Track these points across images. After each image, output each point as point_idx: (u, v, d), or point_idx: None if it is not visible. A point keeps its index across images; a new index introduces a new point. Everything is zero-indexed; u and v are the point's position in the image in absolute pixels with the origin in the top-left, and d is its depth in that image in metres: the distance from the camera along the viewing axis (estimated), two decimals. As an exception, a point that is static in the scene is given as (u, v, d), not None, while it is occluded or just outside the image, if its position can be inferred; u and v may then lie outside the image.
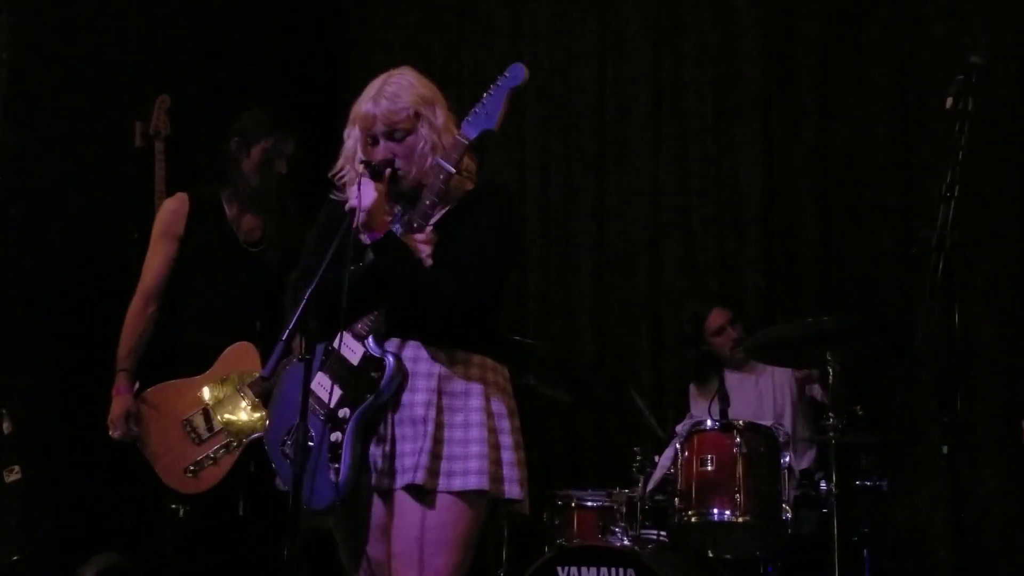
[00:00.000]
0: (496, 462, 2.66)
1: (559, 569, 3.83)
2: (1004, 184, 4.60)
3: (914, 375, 4.55)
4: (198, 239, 3.81)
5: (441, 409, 2.64)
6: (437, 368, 2.66)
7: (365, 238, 2.61)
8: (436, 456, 2.61)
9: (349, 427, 2.61)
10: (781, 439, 3.93)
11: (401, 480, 2.62)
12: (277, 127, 3.86)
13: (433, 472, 2.60)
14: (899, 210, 4.77)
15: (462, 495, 2.62)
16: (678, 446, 4.00)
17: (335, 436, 2.61)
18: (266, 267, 3.83)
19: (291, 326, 2.56)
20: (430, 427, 2.61)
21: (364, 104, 2.71)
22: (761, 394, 4.50)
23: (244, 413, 3.74)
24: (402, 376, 2.64)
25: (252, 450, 3.70)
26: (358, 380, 2.63)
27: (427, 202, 2.65)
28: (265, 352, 3.67)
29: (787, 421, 4.44)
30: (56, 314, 4.49)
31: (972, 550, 4.31)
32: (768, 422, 4.09)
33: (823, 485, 3.90)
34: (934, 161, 4.56)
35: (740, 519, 3.80)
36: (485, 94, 2.66)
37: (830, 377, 3.88)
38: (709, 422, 3.98)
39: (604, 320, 5.34)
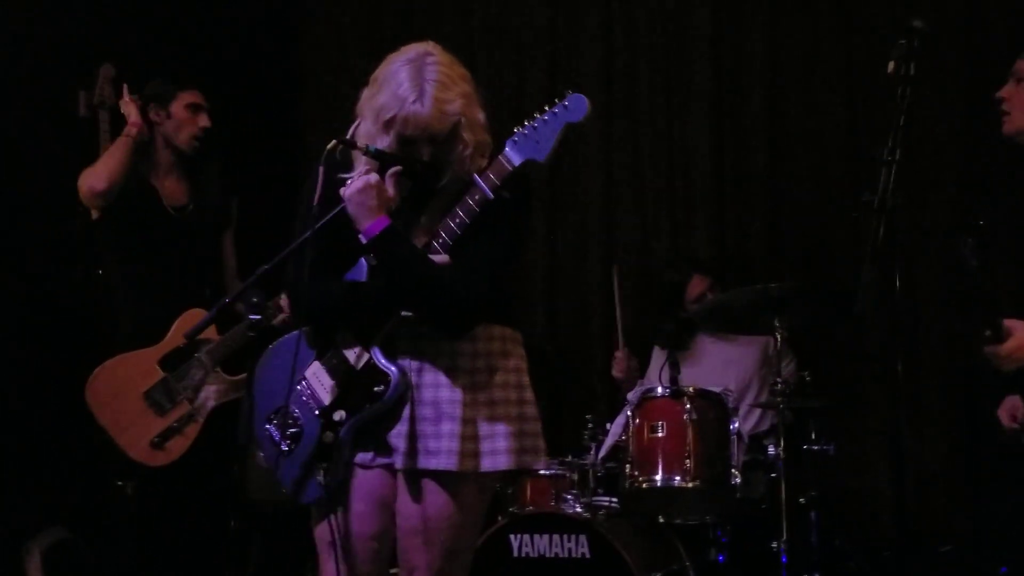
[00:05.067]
0: (522, 435, 2.61)
1: (512, 537, 3.86)
2: (946, 148, 4.67)
3: (859, 340, 4.61)
4: (124, 209, 3.79)
5: (464, 389, 2.54)
6: (456, 347, 2.56)
7: (362, 237, 2.46)
8: (464, 438, 2.52)
9: (344, 432, 2.54)
10: (730, 404, 3.97)
11: (428, 463, 2.52)
12: (187, 83, 3.86)
13: (465, 455, 2.52)
14: (847, 176, 4.83)
15: (488, 474, 2.57)
16: (629, 413, 4.02)
17: (328, 436, 2.54)
18: (196, 232, 3.83)
19: (236, 294, 2.56)
20: (457, 410, 2.53)
21: (408, 106, 2.41)
22: (731, 362, 4.54)
23: (204, 381, 3.72)
24: (405, 388, 2.53)
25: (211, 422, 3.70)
26: (359, 386, 2.54)
27: (455, 222, 2.47)
28: (218, 319, 3.67)
29: (755, 386, 4.49)
30: (-2, 286, 4.42)
31: (916, 513, 4.42)
32: (718, 388, 4.13)
33: (771, 450, 3.95)
34: (882, 127, 4.61)
35: (690, 484, 3.84)
36: (537, 116, 2.49)
37: (777, 343, 3.93)
38: (660, 389, 4.01)
39: (556, 287, 5.35)
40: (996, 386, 3.22)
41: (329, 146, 2.50)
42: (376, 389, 2.52)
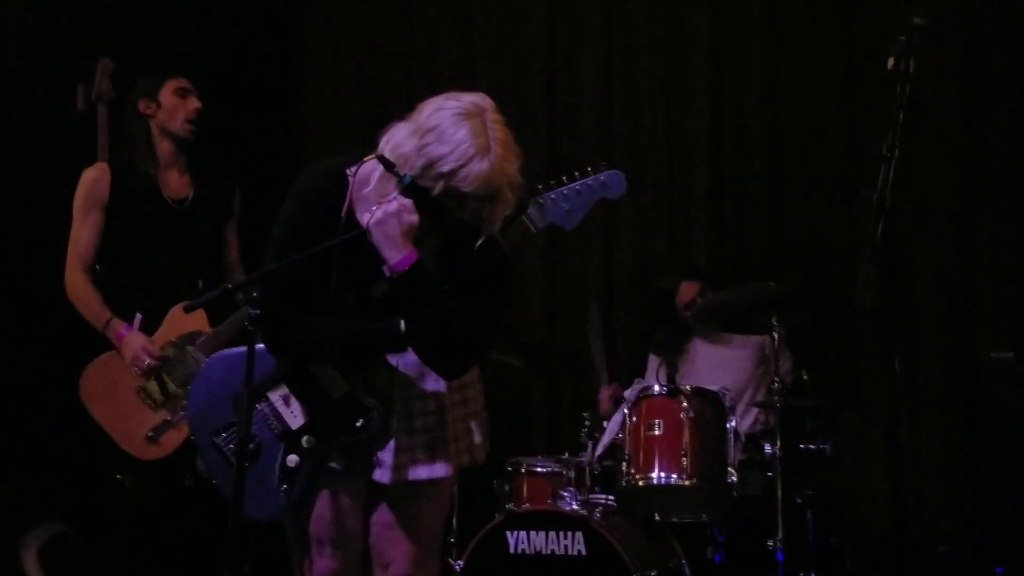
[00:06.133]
0: (484, 424, 2.69)
1: (508, 534, 3.86)
2: (945, 146, 4.67)
3: (858, 339, 4.61)
4: (126, 204, 3.78)
5: (444, 394, 2.58)
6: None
7: (386, 269, 2.40)
8: (453, 441, 2.57)
9: (312, 458, 2.53)
10: (727, 403, 3.97)
11: (418, 474, 2.54)
12: (172, 71, 3.88)
13: (451, 457, 2.57)
14: (847, 176, 4.82)
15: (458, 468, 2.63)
16: (626, 411, 4.02)
17: (292, 460, 2.53)
18: (197, 224, 3.83)
19: (238, 285, 2.57)
20: (444, 418, 2.56)
21: (475, 164, 2.32)
22: (727, 363, 4.54)
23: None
24: (385, 419, 2.53)
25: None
26: (334, 416, 2.52)
27: (472, 275, 2.44)
28: (210, 311, 3.66)
29: (752, 387, 4.49)
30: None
31: (914, 512, 4.42)
32: (716, 387, 4.13)
33: (768, 448, 3.95)
34: (882, 126, 4.61)
35: (687, 483, 3.84)
36: (568, 183, 2.45)
37: (775, 341, 3.93)
38: (657, 387, 4.01)
39: (555, 287, 5.34)
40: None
41: (367, 159, 2.42)
42: (357, 424, 2.51)
